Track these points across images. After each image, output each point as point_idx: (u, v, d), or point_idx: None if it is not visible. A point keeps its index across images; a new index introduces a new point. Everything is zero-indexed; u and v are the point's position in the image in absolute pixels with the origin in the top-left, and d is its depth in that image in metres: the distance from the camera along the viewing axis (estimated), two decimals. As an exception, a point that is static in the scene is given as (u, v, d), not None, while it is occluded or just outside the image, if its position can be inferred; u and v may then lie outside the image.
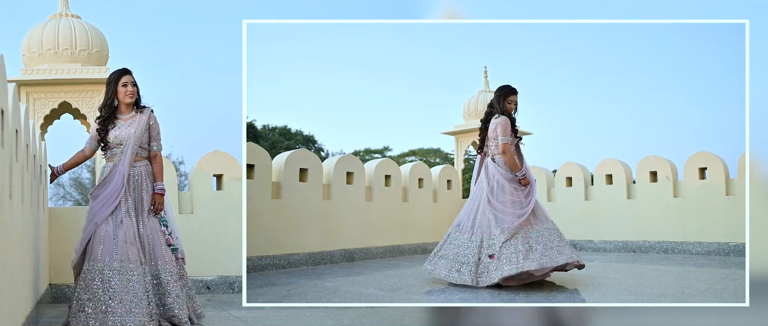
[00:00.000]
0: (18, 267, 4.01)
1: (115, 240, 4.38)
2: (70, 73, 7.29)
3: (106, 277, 4.27)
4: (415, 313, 5.06)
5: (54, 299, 6.32)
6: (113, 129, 4.61)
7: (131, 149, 4.55)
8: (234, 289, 6.69)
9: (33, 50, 7.43)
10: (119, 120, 4.65)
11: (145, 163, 4.67)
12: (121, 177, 4.51)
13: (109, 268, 4.30)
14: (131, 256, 4.37)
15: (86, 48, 7.44)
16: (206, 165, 6.89)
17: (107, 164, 4.62)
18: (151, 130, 4.69)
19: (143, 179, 4.62)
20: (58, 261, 6.34)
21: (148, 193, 4.62)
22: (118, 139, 4.58)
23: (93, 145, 4.70)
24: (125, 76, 4.61)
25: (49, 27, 7.46)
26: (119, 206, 4.50)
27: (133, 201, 4.55)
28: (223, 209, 6.78)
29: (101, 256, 4.35)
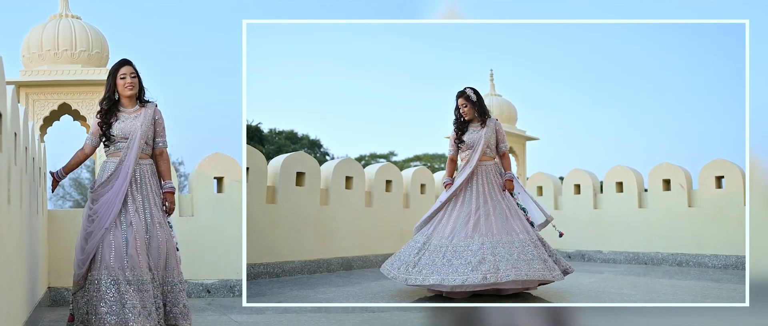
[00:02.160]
0: (16, 271, 3.99)
1: (126, 245, 4.03)
2: (70, 74, 7.25)
3: (123, 289, 3.95)
4: (417, 319, 4.99)
5: (52, 302, 6.26)
6: (117, 122, 4.25)
7: (138, 143, 4.19)
8: (234, 293, 6.68)
9: (33, 51, 7.39)
10: (123, 113, 4.29)
11: (150, 162, 4.32)
12: (127, 173, 4.15)
13: (124, 278, 3.97)
14: (142, 263, 4.04)
15: (86, 49, 7.40)
16: (207, 168, 6.88)
17: (110, 160, 4.24)
18: (157, 125, 4.35)
19: (149, 177, 4.27)
20: (56, 264, 6.30)
21: (155, 193, 4.26)
22: (123, 132, 4.22)
23: (94, 141, 4.33)
24: (124, 68, 4.27)
25: (49, 28, 7.41)
26: (126, 206, 4.13)
27: (140, 199, 4.18)
28: (224, 212, 6.77)
29: (114, 264, 4.00)
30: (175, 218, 5.49)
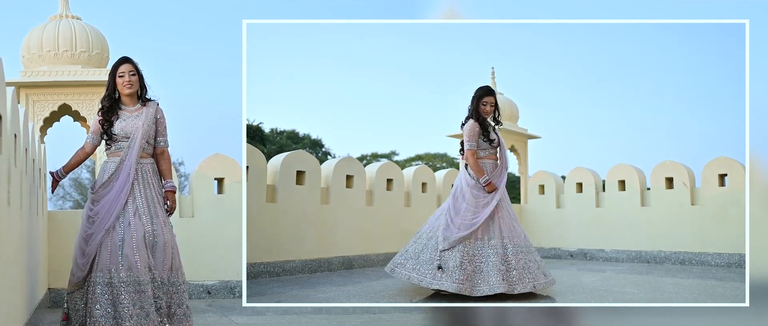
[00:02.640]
0: (16, 272, 3.97)
1: (122, 245, 3.98)
2: (70, 74, 7.21)
3: (117, 291, 3.91)
4: (418, 320, 4.97)
5: (52, 303, 6.22)
6: (118, 121, 4.20)
7: (139, 142, 4.15)
8: (234, 294, 6.65)
9: (33, 51, 7.35)
10: (124, 112, 4.25)
11: (151, 161, 4.27)
12: (128, 173, 4.10)
13: (118, 279, 3.92)
14: (139, 263, 3.97)
15: (86, 49, 7.36)
16: (207, 169, 6.86)
17: (110, 159, 4.19)
18: (158, 124, 4.31)
19: (151, 177, 4.22)
20: (56, 265, 6.27)
21: (157, 193, 4.22)
22: (125, 131, 4.17)
23: (95, 140, 4.28)
24: (122, 66, 4.21)
25: (49, 28, 7.37)
26: (127, 206, 4.08)
27: (142, 199, 4.13)
28: (224, 213, 6.74)
29: (108, 265, 3.97)
30: (175, 219, 5.46)
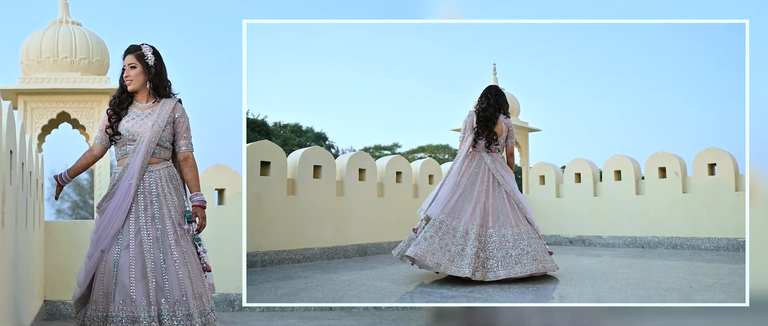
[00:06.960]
0: (10, 291, 3.72)
1: (117, 271, 3.43)
2: (69, 82, 6.99)
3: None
4: (422, 315, 5.17)
5: (48, 316, 6.14)
6: (126, 118, 3.62)
7: (145, 147, 3.56)
8: (234, 307, 6.57)
9: (31, 58, 7.12)
10: (135, 109, 3.66)
11: (167, 165, 3.67)
12: (130, 184, 3.53)
13: (113, 311, 3.41)
14: (136, 295, 3.41)
15: (86, 56, 7.14)
16: (208, 180, 6.70)
17: (119, 167, 3.64)
18: (177, 125, 3.67)
19: (164, 186, 3.61)
20: (52, 277, 6.22)
21: (173, 206, 3.61)
22: (130, 132, 3.60)
23: (103, 140, 3.68)
24: (125, 58, 3.65)
25: (49, 34, 7.15)
26: (127, 225, 3.51)
27: (148, 217, 3.54)
28: (225, 225, 6.53)
29: (100, 296, 3.46)
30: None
